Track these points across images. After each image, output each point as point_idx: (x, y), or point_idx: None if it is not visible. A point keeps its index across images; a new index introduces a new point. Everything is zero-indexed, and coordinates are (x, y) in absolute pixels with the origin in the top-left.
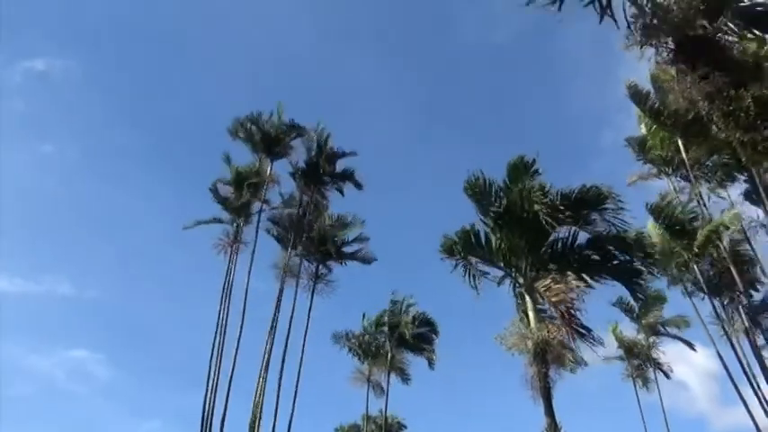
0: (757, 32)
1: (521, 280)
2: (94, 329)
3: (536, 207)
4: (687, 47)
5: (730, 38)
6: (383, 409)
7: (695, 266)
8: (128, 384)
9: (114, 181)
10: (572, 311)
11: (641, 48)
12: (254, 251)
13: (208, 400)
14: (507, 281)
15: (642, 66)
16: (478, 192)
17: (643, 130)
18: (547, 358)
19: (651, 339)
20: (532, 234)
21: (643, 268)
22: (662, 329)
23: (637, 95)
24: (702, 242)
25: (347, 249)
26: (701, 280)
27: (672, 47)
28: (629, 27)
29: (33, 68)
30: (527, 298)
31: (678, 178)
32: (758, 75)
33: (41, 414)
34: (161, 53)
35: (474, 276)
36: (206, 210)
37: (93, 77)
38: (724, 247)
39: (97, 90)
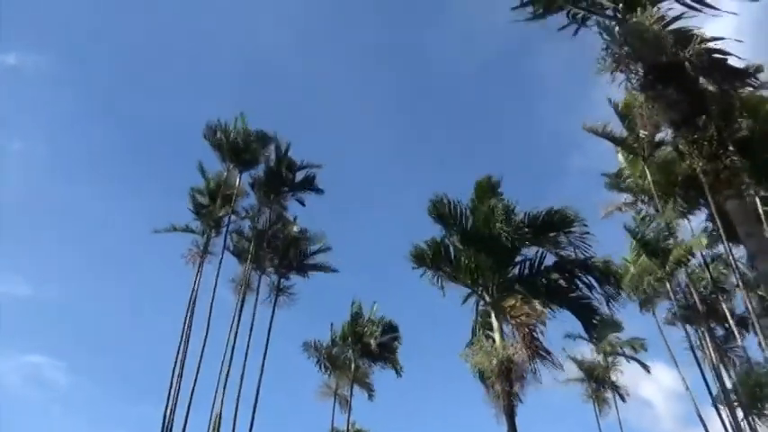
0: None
1: (487, 298)
2: (54, 334)
3: (498, 228)
4: (656, 74)
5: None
6: (347, 422)
7: (669, 288)
8: (87, 392)
9: (82, 181)
10: (534, 334)
11: (612, 73)
12: (220, 262)
13: (168, 411)
14: (473, 298)
15: (614, 90)
16: (443, 213)
17: (620, 158)
18: (511, 377)
19: (609, 360)
20: (499, 254)
21: (600, 305)
22: (619, 350)
23: (598, 132)
24: (675, 262)
25: (309, 261)
26: (675, 306)
27: (641, 73)
28: (602, 51)
29: (4, 63)
30: (493, 316)
31: (651, 207)
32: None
33: None
34: (134, 53)
35: (442, 283)
36: (174, 216)
37: (65, 74)
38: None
39: (69, 87)
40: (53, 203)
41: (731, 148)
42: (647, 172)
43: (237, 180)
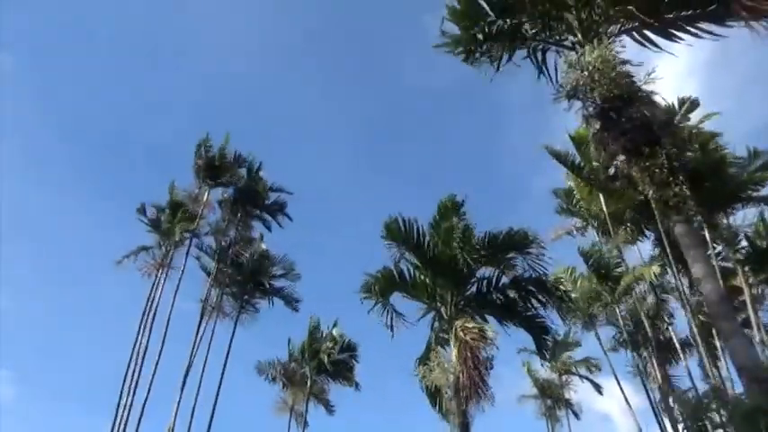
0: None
1: (444, 315)
2: (1, 343)
3: (455, 247)
4: (610, 104)
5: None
6: None
7: (618, 314)
8: (35, 404)
9: (38, 185)
10: (477, 358)
11: (569, 100)
12: (181, 276)
13: (117, 426)
14: (430, 314)
15: (571, 118)
16: (399, 234)
17: (571, 184)
18: (465, 394)
19: (563, 379)
20: (457, 273)
21: (552, 324)
22: (573, 370)
23: (555, 155)
24: (624, 288)
25: (275, 284)
26: (620, 330)
27: (597, 102)
28: (557, 81)
29: None
30: (450, 334)
31: (600, 233)
32: (670, 132)
33: None
34: (102, 59)
35: (391, 317)
36: (134, 228)
37: (28, 74)
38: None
39: (32, 89)
40: (3, 209)
41: (680, 177)
42: (602, 200)
43: (206, 196)
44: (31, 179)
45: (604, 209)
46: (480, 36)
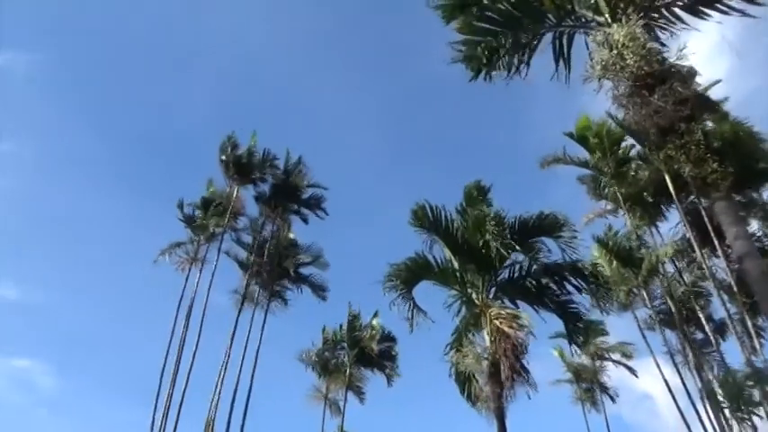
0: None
1: (476, 301)
2: (41, 338)
3: (487, 236)
4: (642, 82)
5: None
6: (341, 427)
7: (645, 295)
8: (75, 396)
9: (72, 185)
10: (513, 344)
11: (599, 80)
12: (214, 270)
13: (157, 416)
14: (459, 301)
15: (601, 98)
16: (427, 220)
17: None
18: (500, 379)
19: (597, 364)
20: (487, 258)
21: (585, 309)
22: (606, 355)
23: (555, 161)
24: (646, 272)
25: (304, 272)
26: (652, 312)
27: (629, 81)
28: (590, 59)
29: None
30: (483, 320)
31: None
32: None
33: None
34: (129, 57)
35: (413, 310)
36: (164, 223)
37: (55, 75)
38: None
39: (61, 90)
40: (41, 206)
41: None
42: (615, 187)
43: (235, 192)
44: (66, 179)
45: (619, 195)
46: (487, 53)
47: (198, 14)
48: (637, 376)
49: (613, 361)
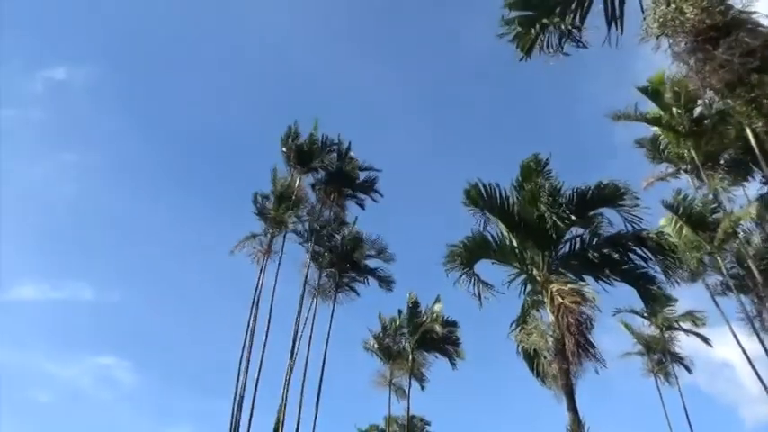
0: None
1: (537, 277)
2: (118, 335)
3: (542, 207)
4: (704, 36)
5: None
6: (407, 410)
7: (720, 261)
8: (153, 390)
9: (136, 189)
10: (578, 319)
11: (657, 39)
12: (280, 261)
13: (236, 402)
14: (520, 278)
15: (658, 58)
16: (481, 199)
17: (656, 131)
18: (567, 355)
19: (667, 335)
20: (546, 233)
21: (657, 274)
22: (675, 325)
23: (625, 117)
24: (723, 235)
25: (370, 264)
26: (727, 276)
27: (689, 36)
28: (646, 17)
29: (54, 78)
30: (545, 295)
31: (694, 176)
32: None
33: (66, 421)
34: (179, 63)
35: (478, 286)
36: (226, 220)
37: (111, 86)
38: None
39: (115, 99)
40: (110, 211)
41: None
42: (689, 147)
43: (297, 181)
44: (126, 183)
45: (694, 155)
46: (538, 27)
47: (235, 9)
48: (711, 345)
49: (684, 330)
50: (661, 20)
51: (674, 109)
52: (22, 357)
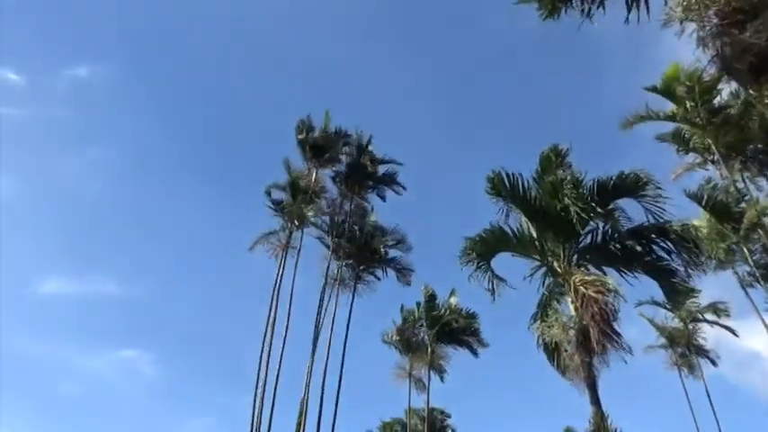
0: None
1: (558, 270)
2: (142, 329)
3: (563, 199)
4: (733, 18)
5: None
6: (427, 402)
7: (745, 250)
8: (176, 383)
9: (159, 184)
10: (603, 310)
11: (681, 23)
12: (298, 254)
13: (258, 396)
14: (541, 270)
15: (681, 44)
16: (504, 188)
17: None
18: (589, 347)
19: (691, 327)
20: (567, 225)
21: (680, 267)
22: (699, 317)
23: (639, 119)
24: (748, 225)
25: (389, 255)
26: (753, 265)
27: (715, 19)
28: (666, 3)
29: (77, 76)
30: (567, 287)
31: (722, 166)
32: None
33: (91, 413)
34: (201, 58)
35: (493, 280)
36: (248, 214)
37: (132, 82)
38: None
39: (139, 95)
40: (134, 206)
41: None
42: (709, 139)
43: (314, 174)
44: (148, 179)
45: (714, 147)
46: None
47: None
48: (737, 335)
49: (708, 321)
50: (685, 3)
51: (688, 102)
52: (48, 350)
